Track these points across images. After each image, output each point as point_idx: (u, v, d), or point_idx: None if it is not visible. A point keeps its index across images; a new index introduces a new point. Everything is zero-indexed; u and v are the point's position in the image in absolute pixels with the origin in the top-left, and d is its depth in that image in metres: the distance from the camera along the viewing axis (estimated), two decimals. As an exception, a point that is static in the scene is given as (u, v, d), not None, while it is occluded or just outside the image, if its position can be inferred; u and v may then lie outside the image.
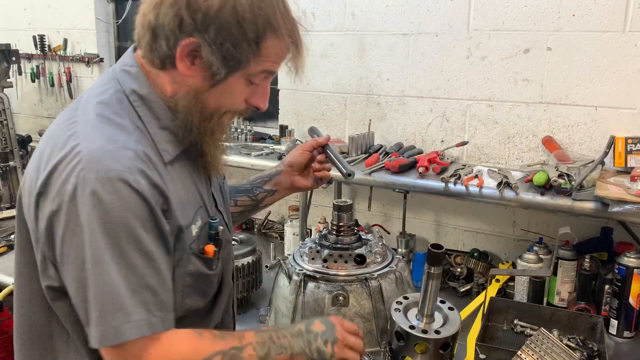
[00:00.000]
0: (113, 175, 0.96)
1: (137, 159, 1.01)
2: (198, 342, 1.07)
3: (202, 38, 1.01)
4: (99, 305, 0.97)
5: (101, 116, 1.05)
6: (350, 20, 2.47)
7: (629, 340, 1.83)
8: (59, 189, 0.98)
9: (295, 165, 1.55)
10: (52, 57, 3.43)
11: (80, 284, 0.98)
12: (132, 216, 0.98)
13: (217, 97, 1.10)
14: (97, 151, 0.98)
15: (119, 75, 1.12)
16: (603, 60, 2.02)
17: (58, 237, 1.00)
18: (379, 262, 1.79)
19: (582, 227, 2.09)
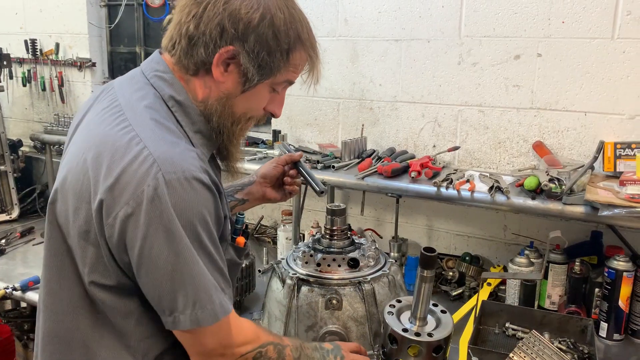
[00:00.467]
0: (189, 175, 1.03)
1: (199, 159, 1.09)
2: (257, 328, 1.22)
3: (241, 46, 1.10)
4: (192, 292, 1.05)
5: (155, 120, 1.10)
6: (343, 26, 2.49)
7: (619, 343, 1.85)
8: (134, 191, 1.01)
9: (268, 178, 1.63)
10: (43, 61, 3.41)
11: (167, 277, 1.04)
12: (207, 211, 1.07)
13: (244, 103, 1.18)
14: (167, 153, 1.04)
15: (153, 81, 1.16)
16: (592, 66, 2.05)
17: (138, 237, 1.02)
18: (372, 265, 1.80)
19: (573, 231, 2.11)
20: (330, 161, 2.34)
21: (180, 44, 1.13)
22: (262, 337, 1.20)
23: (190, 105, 1.16)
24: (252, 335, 1.18)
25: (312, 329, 1.69)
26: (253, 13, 1.08)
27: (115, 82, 1.25)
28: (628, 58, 1.99)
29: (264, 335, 1.22)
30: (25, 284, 2.19)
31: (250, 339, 1.17)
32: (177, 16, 1.14)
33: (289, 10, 1.13)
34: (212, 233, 1.09)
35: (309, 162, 2.35)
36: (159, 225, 1.01)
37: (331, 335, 1.68)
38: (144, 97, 1.14)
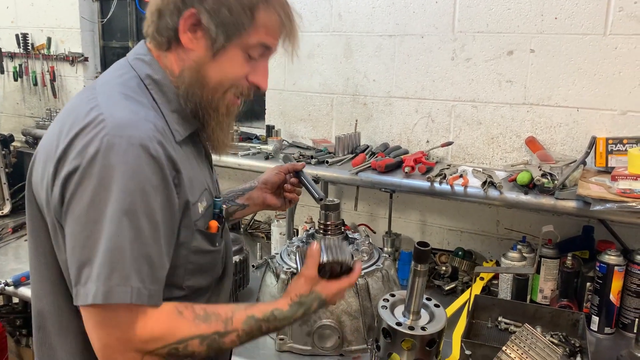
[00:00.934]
0: (135, 141, 0.99)
1: (156, 131, 1.05)
2: (176, 321, 1.05)
3: (201, 6, 1.09)
4: (104, 264, 0.97)
5: (121, 93, 1.10)
6: (336, 21, 2.49)
7: (610, 336, 1.86)
8: (79, 152, 1.00)
9: (269, 184, 1.62)
10: (35, 56, 3.39)
11: (89, 241, 0.99)
12: (149, 184, 1.01)
13: (218, 70, 1.14)
14: (120, 119, 1.02)
15: (132, 62, 1.17)
16: (584, 62, 2.06)
17: (68, 193, 1.00)
18: (365, 260, 1.81)
19: (565, 225, 2.13)
20: (324, 156, 2.34)
21: (152, 20, 1.14)
22: (181, 332, 1.05)
23: (167, 84, 1.15)
24: (164, 331, 1.03)
25: (306, 323, 1.69)
26: None
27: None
28: (620, 54, 2.00)
29: (187, 328, 1.06)
30: (17, 279, 2.18)
31: (160, 335, 1.03)
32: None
33: None
34: (152, 212, 1.01)
35: (302, 157, 2.35)
36: (88, 185, 0.98)
37: (325, 330, 1.69)
38: (121, 76, 1.15)
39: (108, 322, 1.00)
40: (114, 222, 0.97)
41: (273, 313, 1.17)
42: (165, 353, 1.04)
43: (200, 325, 1.08)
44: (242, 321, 1.13)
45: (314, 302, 1.22)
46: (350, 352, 1.70)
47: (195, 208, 1.15)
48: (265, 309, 1.17)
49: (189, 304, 1.10)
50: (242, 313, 1.14)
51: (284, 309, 1.19)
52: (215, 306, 1.13)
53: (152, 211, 1.01)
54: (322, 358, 1.69)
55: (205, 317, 1.09)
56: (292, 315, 1.19)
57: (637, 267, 1.81)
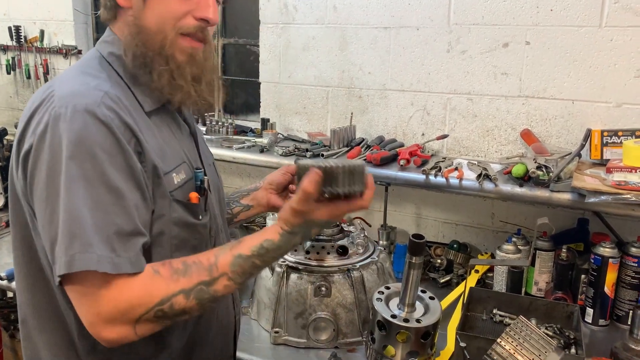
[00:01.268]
0: (80, 108, 0.98)
1: (107, 98, 1.03)
2: (152, 282, 1.00)
3: None
4: (63, 234, 0.95)
5: (78, 69, 1.12)
6: (331, 13, 2.48)
7: (604, 328, 1.87)
8: (33, 130, 1.01)
9: (275, 184, 1.57)
10: (28, 48, 3.36)
11: (53, 218, 0.97)
12: (100, 149, 0.97)
13: (153, 15, 1.11)
14: (68, 91, 1.02)
15: (97, 46, 1.19)
16: (580, 54, 2.05)
17: (28, 173, 1.01)
18: (360, 253, 1.81)
19: (559, 218, 2.13)
20: (319, 150, 2.33)
21: (101, 4, 1.18)
22: (161, 291, 0.99)
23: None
24: (141, 295, 0.98)
25: (302, 316, 1.69)
26: None
27: None
28: (615, 46, 2.00)
29: (164, 286, 1.00)
30: (11, 273, 2.17)
31: (138, 301, 0.98)
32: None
33: None
34: (109, 177, 0.97)
35: (297, 150, 2.34)
36: (43, 162, 0.98)
37: (320, 322, 1.69)
38: (84, 58, 1.18)
39: (83, 296, 0.98)
40: (68, 190, 0.95)
41: (263, 246, 1.06)
42: (152, 317, 0.99)
43: (179, 280, 1.01)
44: (229, 263, 1.05)
45: (312, 229, 1.09)
46: (345, 345, 1.70)
47: (169, 178, 1.11)
48: (253, 244, 1.07)
49: (167, 261, 1.04)
50: (228, 255, 1.06)
51: (274, 240, 1.07)
52: (197, 255, 1.06)
53: (109, 177, 0.98)
54: (317, 351, 1.69)
55: (185, 270, 1.03)
56: (286, 243, 1.08)
57: (631, 260, 1.82)
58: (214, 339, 1.31)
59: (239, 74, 2.99)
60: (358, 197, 1.07)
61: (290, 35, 2.58)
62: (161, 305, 0.99)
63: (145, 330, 1.01)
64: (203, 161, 1.30)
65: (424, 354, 1.48)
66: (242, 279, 1.07)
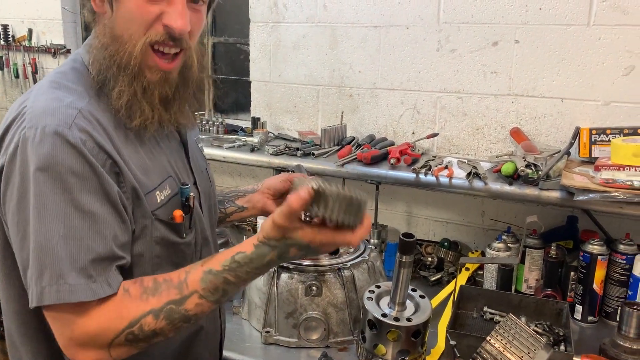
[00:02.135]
0: (49, 130, 0.94)
1: (81, 117, 0.99)
2: (122, 303, 0.96)
3: None
4: (34, 265, 0.93)
5: (53, 82, 1.06)
6: (322, 12, 2.47)
7: (593, 325, 1.88)
8: (5, 149, 0.98)
9: (273, 190, 1.55)
10: (16, 47, 3.33)
11: (22, 243, 0.96)
12: (70, 174, 0.94)
13: (121, 21, 1.05)
14: (39, 109, 0.98)
15: (80, 50, 1.16)
16: (568, 53, 2.06)
17: (1, 193, 0.99)
18: (351, 252, 1.81)
19: (549, 216, 2.14)
20: (310, 148, 2.33)
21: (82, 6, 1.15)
22: (130, 312, 0.96)
23: None
24: (111, 318, 0.95)
25: (292, 316, 1.69)
26: None
27: None
28: (603, 45, 2.01)
29: (134, 307, 0.96)
30: None
31: (108, 325, 0.95)
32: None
33: None
34: (80, 202, 0.94)
35: (288, 149, 2.34)
36: (14, 186, 0.96)
37: (311, 322, 1.69)
38: (63, 65, 1.14)
39: (56, 321, 0.97)
40: (39, 220, 0.93)
41: (234, 259, 0.99)
42: (123, 341, 0.95)
43: (149, 300, 0.97)
44: (198, 280, 0.98)
45: (290, 248, 0.99)
46: (336, 344, 1.70)
47: (152, 196, 1.08)
48: (224, 257, 1.00)
49: (138, 279, 1.01)
50: (198, 270, 0.99)
51: (247, 252, 0.99)
52: (169, 273, 1.02)
53: (82, 202, 0.94)
54: (308, 350, 1.69)
55: (155, 289, 0.98)
56: (259, 257, 0.99)
57: (619, 257, 1.83)
58: (199, 346, 1.29)
59: (229, 72, 2.98)
60: (348, 231, 0.98)
61: (280, 34, 2.58)
62: (131, 328, 0.96)
63: (120, 353, 0.98)
64: (193, 170, 1.27)
65: (414, 352, 1.48)
66: (216, 297, 1.00)
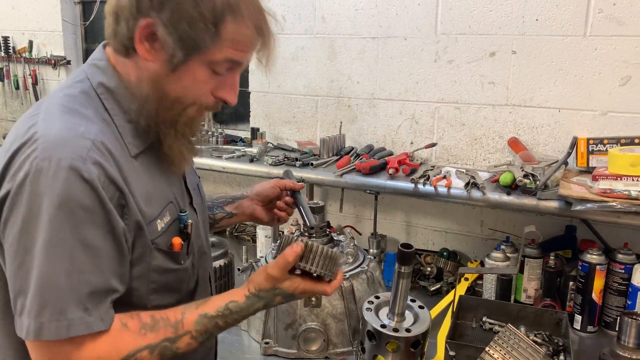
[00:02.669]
0: (65, 164, 0.93)
1: (94, 149, 0.97)
2: (120, 337, 1.00)
3: (158, 17, 0.99)
4: (35, 299, 0.93)
5: (64, 106, 1.02)
6: (320, 24, 2.49)
7: (593, 335, 1.88)
8: (12, 175, 0.95)
9: (262, 196, 1.57)
10: (17, 59, 3.35)
11: (21, 272, 0.95)
12: (80, 208, 0.94)
13: (178, 85, 1.05)
14: (53, 138, 0.95)
15: (87, 69, 1.10)
16: (565, 63, 2.08)
17: (3, 218, 0.97)
18: (350, 262, 1.81)
19: (547, 225, 2.15)
20: (308, 159, 2.34)
21: (109, 22, 1.05)
22: (127, 346, 1.00)
23: (121, 93, 1.07)
24: (108, 351, 0.98)
25: (292, 327, 1.69)
26: None
27: None
28: (600, 55, 2.02)
29: (132, 341, 1.01)
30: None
31: (106, 357, 0.98)
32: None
33: None
34: (86, 236, 0.95)
35: (287, 159, 2.35)
36: (18, 213, 0.94)
37: (310, 333, 1.68)
38: (71, 86, 1.08)
39: (50, 355, 0.96)
40: (45, 254, 0.92)
41: (228, 307, 1.10)
42: None
43: (147, 335, 1.02)
44: (193, 322, 1.07)
45: (276, 297, 1.14)
46: (335, 355, 1.70)
47: (153, 225, 1.08)
48: (219, 304, 1.10)
49: (135, 313, 1.04)
50: (194, 313, 1.08)
51: (239, 301, 1.11)
52: (165, 311, 1.07)
53: (88, 237, 0.95)
54: (307, 361, 1.69)
55: (153, 325, 1.04)
56: (249, 307, 1.12)
57: (618, 266, 1.83)
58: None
59: (228, 83, 2.99)
60: (325, 283, 1.17)
61: (279, 45, 2.59)
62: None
63: None
64: (190, 189, 1.26)
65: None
66: (203, 338, 1.09)
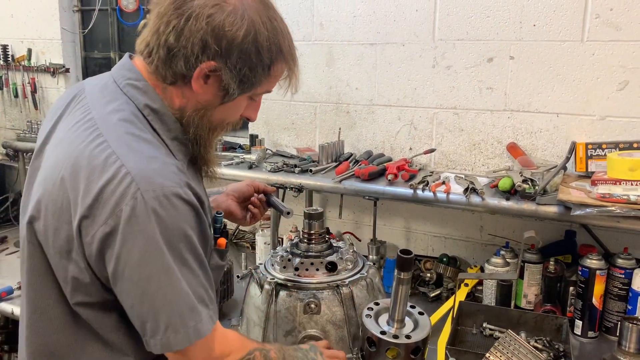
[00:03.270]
0: (168, 191, 1.02)
1: (179, 172, 1.08)
2: (242, 337, 1.25)
3: (223, 63, 1.09)
4: (175, 312, 1.04)
5: (131, 134, 1.08)
6: (318, 30, 2.50)
7: (593, 340, 1.88)
8: (112, 211, 1.00)
9: (238, 192, 1.66)
10: (15, 67, 3.35)
11: (146, 297, 1.03)
12: (189, 227, 1.05)
13: (223, 113, 1.19)
14: (145, 170, 1.02)
15: (126, 90, 1.14)
16: (563, 68, 2.08)
17: (114, 256, 1.01)
18: (350, 269, 1.81)
19: (547, 230, 2.14)
20: (307, 165, 2.34)
21: (158, 53, 1.09)
22: (248, 345, 1.22)
23: (165, 113, 1.15)
24: (239, 344, 1.20)
25: (291, 334, 1.68)
26: (237, 30, 1.07)
27: (86, 87, 1.21)
28: (597, 60, 2.03)
29: (250, 343, 1.24)
30: (7, 290, 2.15)
31: (237, 348, 1.19)
32: (154, 23, 1.09)
33: (271, 23, 1.12)
34: (197, 249, 1.08)
35: (286, 165, 2.34)
36: (134, 245, 1.00)
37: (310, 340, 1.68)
38: (118, 109, 1.11)
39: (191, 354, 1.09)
40: (169, 274, 1.03)
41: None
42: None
43: (253, 341, 1.28)
44: (268, 343, 1.41)
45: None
46: (335, 362, 1.69)
47: (210, 230, 1.22)
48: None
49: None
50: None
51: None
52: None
53: (196, 248, 1.08)
54: (307, 368, 1.68)
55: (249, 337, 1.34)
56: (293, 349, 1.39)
57: (618, 271, 1.83)
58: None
59: (227, 90, 2.99)
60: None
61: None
62: (249, 355, 1.21)
63: None
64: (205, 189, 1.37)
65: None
66: (280, 357, 1.31)
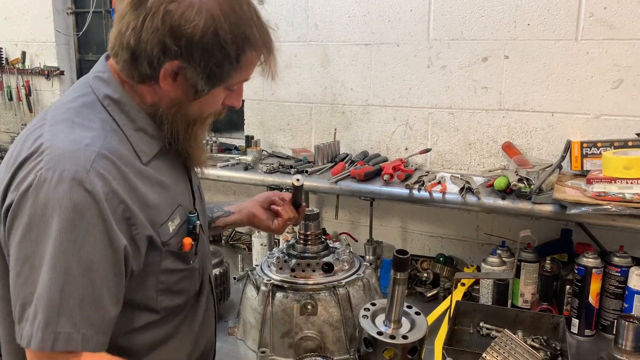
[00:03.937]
0: (67, 175, 0.95)
1: (99, 161, 0.99)
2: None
3: (186, 62, 1.05)
4: (34, 305, 0.94)
5: (69, 119, 1.05)
6: (313, 31, 2.50)
7: (590, 339, 1.88)
8: (17, 185, 0.98)
9: (262, 197, 1.63)
10: (9, 70, 3.34)
11: (19, 280, 0.97)
12: (81, 219, 0.95)
13: (199, 107, 1.14)
14: (58, 150, 0.98)
15: (92, 82, 1.13)
16: (557, 67, 2.09)
17: (7, 227, 0.99)
18: (346, 269, 1.81)
19: (543, 229, 2.15)
20: (303, 166, 2.34)
21: (122, 55, 1.06)
22: None
23: (127, 103, 1.10)
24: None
25: (288, 335, 1.68)
26: (194, 26, 1.01)
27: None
28: (592, 59, 2.03)
29: None
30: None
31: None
32: (116, 24, 1.07)
33: (234, 13, 1.05)
34: (83, 248, 0.96)
35: (282, 166, 2.34)
36: (21, 223, 0.96)
37: (307, 341, 1.67)
38: (75, 99, 1.10)
39: None
40: (46, 265, 0.94)
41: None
42: None
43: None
44: None
45: None
46: (332, 363, 1.68)
47: (165, 229, 1.11)
48: None
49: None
50: None
51: None
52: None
53: (82, 248, 0.95)
54: (304, 369, 1.68)
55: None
56: None
57: (614, 269, 1.83)
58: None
59: (222, 92, 2.99)
60: None
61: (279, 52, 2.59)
62: None
63: None
64: (194, 190, 1.30)
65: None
66: None
